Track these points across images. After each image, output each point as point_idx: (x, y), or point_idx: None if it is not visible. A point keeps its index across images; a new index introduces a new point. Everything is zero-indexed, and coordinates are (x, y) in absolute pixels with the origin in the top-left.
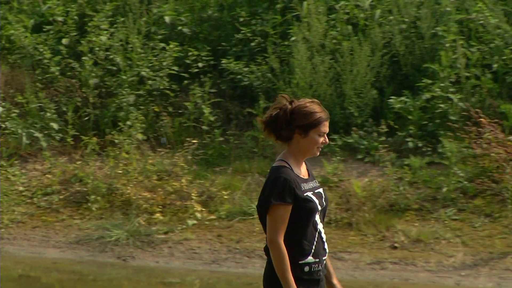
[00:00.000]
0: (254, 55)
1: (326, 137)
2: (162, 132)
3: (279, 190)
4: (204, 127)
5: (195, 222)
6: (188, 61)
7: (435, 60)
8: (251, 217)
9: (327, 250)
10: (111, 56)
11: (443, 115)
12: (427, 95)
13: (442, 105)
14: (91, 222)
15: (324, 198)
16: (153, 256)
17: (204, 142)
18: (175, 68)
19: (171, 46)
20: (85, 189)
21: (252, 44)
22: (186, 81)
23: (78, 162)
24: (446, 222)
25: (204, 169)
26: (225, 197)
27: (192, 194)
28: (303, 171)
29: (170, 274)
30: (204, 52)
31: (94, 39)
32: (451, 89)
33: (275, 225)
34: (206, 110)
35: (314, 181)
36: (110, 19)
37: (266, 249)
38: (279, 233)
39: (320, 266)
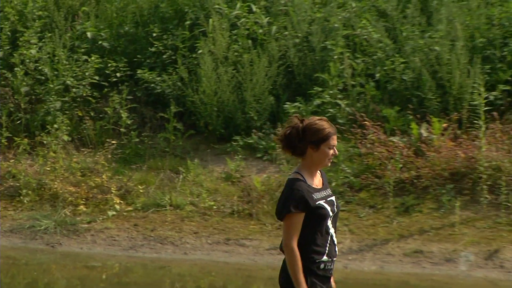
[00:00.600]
0: (165, 66)
1: (336, 149)
2: (85, 134)
3: (293, 201)
4: (122, 130)
5: (114, 213)
6: (107, 72)
7: (325, 70)
8: (164, 209)
9: (337, 252)
10: (40, 67)
11: (332, 118)
12: (318, 101)
13: (331, 110)
14: (23, 213)
15: (336, 205)
16: (78, 243)
17: (122, 142)
18: (96, 77)
19: (92, 58)
20: (17, 184)
21: (164, 56)
22: (106, 89)
23: (11, 161)
24: None
25: (122, 167)
26: (141, 191)
27: (112, 189)
28: (316, 181)
29: (92, 258)
30: (122, 64)
31: (25, 52)
32: (339, 96)
33: (289, 231)
34: (124, 115)
35: (327, 190)
36: (39, 34)
37: (282, 248)
38: (293, 238)
39: (332, 265)
